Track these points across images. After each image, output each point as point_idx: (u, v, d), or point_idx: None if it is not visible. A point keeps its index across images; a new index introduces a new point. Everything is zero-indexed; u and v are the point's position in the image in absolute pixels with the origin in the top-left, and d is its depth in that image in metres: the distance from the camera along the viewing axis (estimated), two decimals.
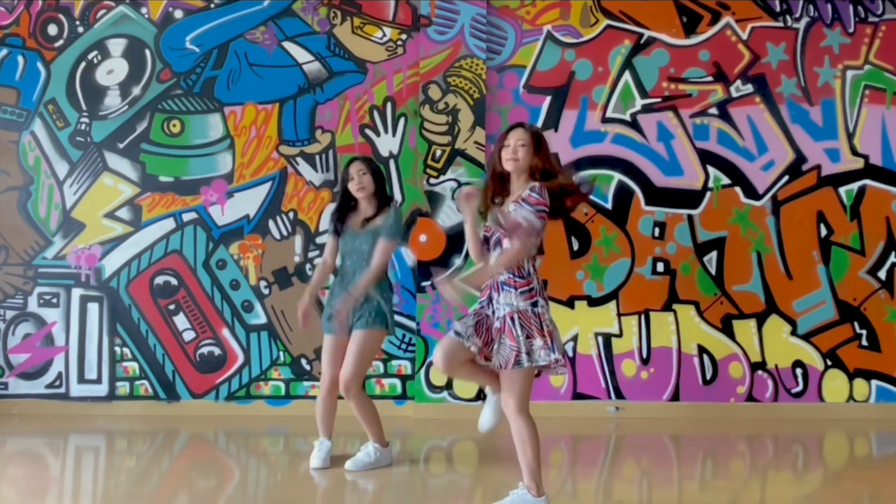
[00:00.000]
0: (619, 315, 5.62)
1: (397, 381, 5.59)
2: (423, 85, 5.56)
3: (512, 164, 3.33)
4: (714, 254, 5.65)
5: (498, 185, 3.42)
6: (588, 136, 5.66)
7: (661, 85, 5.68)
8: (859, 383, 5.64)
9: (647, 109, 5.67)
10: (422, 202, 5.53)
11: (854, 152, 5.70)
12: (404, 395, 5.59)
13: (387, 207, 4.20)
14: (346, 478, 4.07)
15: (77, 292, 5.59)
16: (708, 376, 5.62)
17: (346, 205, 4.27)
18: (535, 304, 3.26)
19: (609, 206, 5.63)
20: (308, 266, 5.58)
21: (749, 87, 5.69)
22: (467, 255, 5.50)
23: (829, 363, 5.64)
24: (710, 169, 5.66)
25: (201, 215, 5.61)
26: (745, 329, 5.64)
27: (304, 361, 5.57)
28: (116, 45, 5.66)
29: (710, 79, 5.69)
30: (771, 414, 5.57)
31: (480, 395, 5.49)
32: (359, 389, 4.13)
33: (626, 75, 5.68)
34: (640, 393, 5.60)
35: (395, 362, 5.60)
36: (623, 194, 5.64)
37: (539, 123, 5.62)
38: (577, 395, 5.60)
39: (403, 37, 5.67)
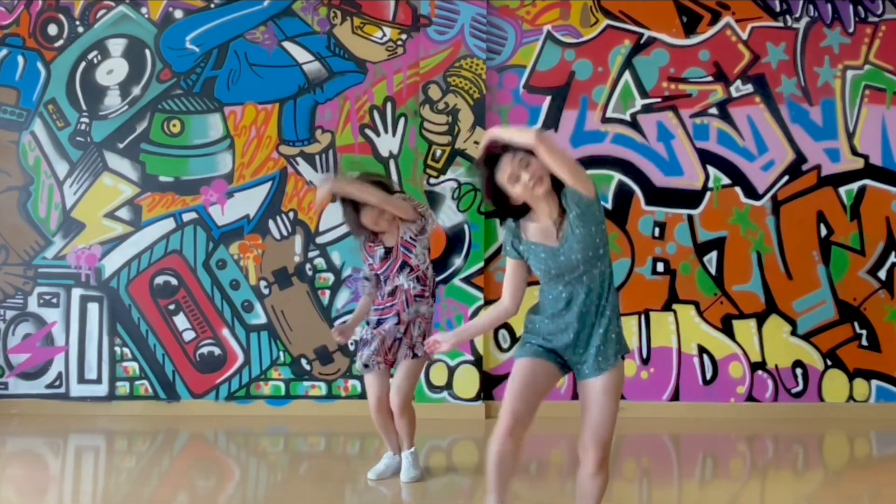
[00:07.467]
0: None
1: None
2: (423, 85, 5.56)
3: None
4: (714, 254, 5.65)
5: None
6: (588, 136, 5.66)
7: (661, 85, 5.68)
8: (859, 383, 5.63)
9: (647, 109, 5.67)
10: (422, 202, 5.52)
11: (854, 152, 5.70)
12: None
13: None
14: (347, 478, 4.07)
15: (77, 292, 5.58)
16: (708, 376, 5.61)
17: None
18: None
19: (609, 206, 5.63)
20: (308, 266, 5.58)
21: (749, 87, 5.68)
22: (467, 254, 5.52)
23: (829, 363, 5.63)
24: (710, 169, 5.66)
25: (201, 215, 5.61)
26: (745, 329, 5.64)
27: (304, 361, 5.57)
28: (116, 45, 5.65)
29: (710, 79, 5.69)
30: (771, 414, 5.56)
31: (478, 397, 5.50)
32: None
33: (626, 75, 5.67)
34: (640, 393, 5.59)
35: None
36: (623, 194, 5.64)
37: (539, 123, 5.63)
38: (578, 396, 5.58)
39: (403, 37, 5.67)
